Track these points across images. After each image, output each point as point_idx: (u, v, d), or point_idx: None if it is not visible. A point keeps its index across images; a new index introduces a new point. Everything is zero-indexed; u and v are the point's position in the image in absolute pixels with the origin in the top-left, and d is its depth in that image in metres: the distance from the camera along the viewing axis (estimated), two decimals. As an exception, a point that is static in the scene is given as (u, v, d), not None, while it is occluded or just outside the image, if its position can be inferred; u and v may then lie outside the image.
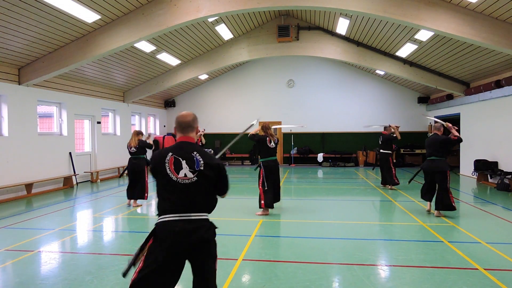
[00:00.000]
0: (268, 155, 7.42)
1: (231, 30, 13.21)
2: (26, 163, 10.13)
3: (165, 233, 2.44)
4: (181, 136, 2.67)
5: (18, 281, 4.17)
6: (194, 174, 2.52)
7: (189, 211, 2.48)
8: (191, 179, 2.51)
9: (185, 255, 2.48)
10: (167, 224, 2.45)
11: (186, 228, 2.44)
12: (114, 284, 4.06)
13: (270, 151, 7.43)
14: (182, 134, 2.67)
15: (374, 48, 13.72)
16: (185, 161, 2.54)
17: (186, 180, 2.51)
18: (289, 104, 18.67)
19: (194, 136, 2.72)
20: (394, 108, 18.14)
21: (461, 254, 4.94)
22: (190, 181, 2.51)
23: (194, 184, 2.52)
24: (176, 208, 2.48)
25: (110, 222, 7.14)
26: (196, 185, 2.52)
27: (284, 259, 4.86)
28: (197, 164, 2.54)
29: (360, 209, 8.18)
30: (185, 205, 2.49)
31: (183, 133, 2.67)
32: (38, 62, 9.80)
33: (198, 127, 2.75)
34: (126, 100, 15.45)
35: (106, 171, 13.96)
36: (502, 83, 10.98)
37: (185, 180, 2.51)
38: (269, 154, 7.42)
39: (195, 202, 2.51)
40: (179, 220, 2.46)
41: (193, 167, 2.53)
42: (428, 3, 8.51)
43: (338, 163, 17.85)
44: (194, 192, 2.51)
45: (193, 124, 2.68)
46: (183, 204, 2.49)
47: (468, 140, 13.82)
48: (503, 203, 8.55)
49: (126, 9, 9.06)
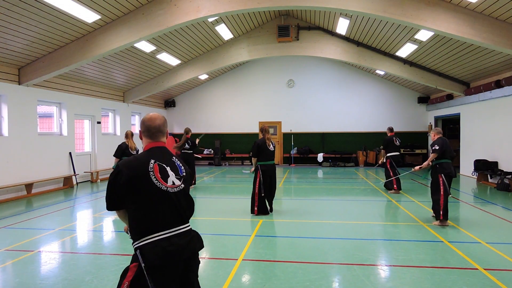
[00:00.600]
0: (267, 159, 7.33)
1: (231, 30, 13.21)
2: (26, 163, 10.13)
3: (157, 258, 2.09)
4: (152, 142, 2.35)
5: (18, 281, 4.17)
6: (181, 181, 2.30)
7: (179, 223, 2.23)
8: (179, 186, 2.28)
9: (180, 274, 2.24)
10: (159, 245, 2.11)
11: (180, 244, 2.17)
12: (114, 284, 4.06)
13: (269, 155, 7.35)
14: (152, 140, 2.35)
15: (374, 48, 13.72)
16: (169, 168, 2.28)
17: (175, 189, 2.25)
18: (289, 104, 18.68)
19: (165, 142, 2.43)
20: (394, 108, 18.15)
21: (461, 254, 4.94)
22: (178, 189, 2.26)
23: (182, 192, 2.29)
24: (166, 223, 2.17)
25: (110, 222, 7.14)
26: (183, 192, 2.30)
27: (284, 259, 4.86)
28: (180, 170, 2.34)
29: (360, 209, 8.18)
30: (176, 217, 2.22)
31: (153, 139, 2.35)
32: (38, 62, 9.80)
33: (168, 131, 2.47)
34: (126, 100, 15.45)
35: (106, 171, 13.96)
36: (502, 83, 10.99)
37: (174, 189, 2.24)
38: (268, 157, 7.34)
39: (183, 212, 2.27)
40: (171, 236, 2.16)
41: (178, 173, 2.31)
42: (428, 3, 8.51)
43: (338, 163, 17.85)
44: (182, 200, 2.27)
45: (163, 129, 2.39)
46: (174, 216, 2.21)
47: (468, 140, 13.83)
48: (503, 203, 8.55)
49: (126, 9, 9.06)
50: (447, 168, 6.42)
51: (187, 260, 2.25)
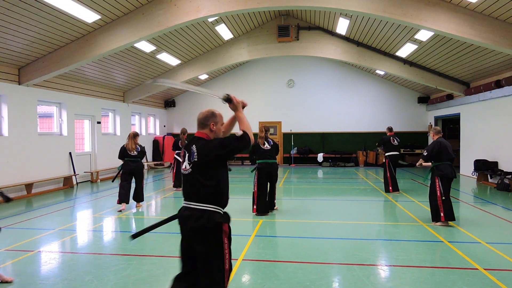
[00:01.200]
0: (263, 158, 7.38)
1: (231, 30, 13.21)
2: (26, 163, 10.13)
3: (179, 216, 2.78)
4: (197, 131, 2.90)
5: (18, 281, 4.17)
6: (190, 165, 2.75)
7: (190, 199, 2.73)
8: (188, 170, 2.75)
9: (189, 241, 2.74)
10: (180, 209, 2.80)
11: (184, 214, 2.72)
12: (114, 284, 4.07)
13: (265, 154, 7.37)
14: (198, 130, 2.88)
15: (374, 48, 13.72)
16: (187, 154, 2.78)
17: (185, 172, 2.78)
18: (289, 104, 18.68)
19: (208, 133, 2.84)
20: (394, 108, 18.15)
21: (461, 254, 4.94)
22: (187, 172, 2.76)
23: (191, 175, 2.73)
24: (185, 195, 2.78)
25: (110, 222, 7.14)
26: (192, 176, 2.73)
27: (284, 259, 4.86)
28: (192, 156, 2.74)
29: (360, 209, 8.18)
30: (187, 194, 2.76)
31: (198, 129, 2.88)
32: (38, 62, 9.80)
33: (212, 124, 2.83)
34: (126, 100, 15.45)
35: (106, 171, 13.96)
36: (502, 83, 10.98)
37: (185, 172, 2.78)
38: (264, 156, 7.37)
39: (193, 192, 2.72)
40: (184, 206, 2.77)
41: (190, 159, 2.75)
42: (428, 3, 8.51)
43: (338, 163, 17.85)
44: (191, 182, 2.73)
45: (204, 121, 2.84)
46: (186, 193, 2.77)
47: (468, 140, 13.82)
48: (503, 203, 8.55)
49: (126, 9, 9.06)
50: (443, 170, 6.38)
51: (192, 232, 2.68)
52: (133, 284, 4.06)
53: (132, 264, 4.67)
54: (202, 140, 2.79)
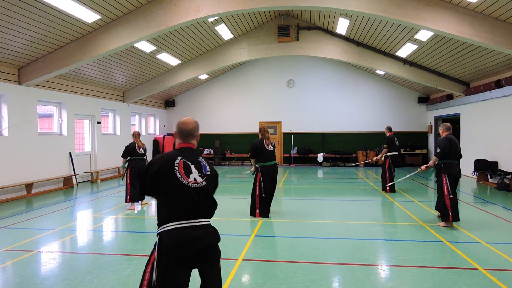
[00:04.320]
0: (267, 159, 7.08)
1: (231, 30, 13.21)
2: (26, 163, 10.13)
3: (172, 243, 2.35)
4: (183, 143, 2.63)
5: (18, 281, 4.17)
6: (203, 178, 2.53)
7: (196, 217, 2.46)
8: (201, 183, 2.51)
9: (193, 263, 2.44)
10: (174, 233, 2.37)
11: (194, 235, 2.39)
12: (114, 284, 4.07)
13: (269, 155, 7.10)
14: (183, 141, 2.63)
15: (374, 48, 13.72)
16: (194, 166, 2.53)
17: (196, 185, 2.49)
18: (289, 104, 18.68)
19: (195, 143, 2.68)
20: (394, 108, 18.15)
21: (461, 254, 4.94)
22: (199, 186, 2.50)
23: (203, 189, 2.51)
24: (184, 214, 2.42)
25: (110, 222, 7.14)
26: (204, 190, 2.52)
27: (284, 259, 4.86)
28: (205, 169, 2.58)
29: (360, 209, 8.18)
30: (193, 210, 2.45)
31: (184, 141, 2.63)
32: (38, 62, 9.80)
33: (199, 134, 2.70)
34: (126, 100, 15.45)
35: (106, 171, 13.96)
36: (502, 83, 10.99)
37: (195, 185, 2.48)
38: (267, 158, 7.09)
39: (202, 208, 2.50)
40: (186, 227, 2.40)
41: (202, 172, 2.55)
42: (428, 3, 8.51)
43: (338, 163, 17.85)
44: (202, 197, 2.50)
45: (194, 133, 2.65)
46: (191, 209, 2.44)
47: (468, 140, 13.83)
48: (503, 203, 8.55)
49: (126, 9, 9.06)
50: (451, 168, 6.29)
51: (203, 252, 2.43)
52: (133, 284, 4.05)
53: (132, 264, 4.67)
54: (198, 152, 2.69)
